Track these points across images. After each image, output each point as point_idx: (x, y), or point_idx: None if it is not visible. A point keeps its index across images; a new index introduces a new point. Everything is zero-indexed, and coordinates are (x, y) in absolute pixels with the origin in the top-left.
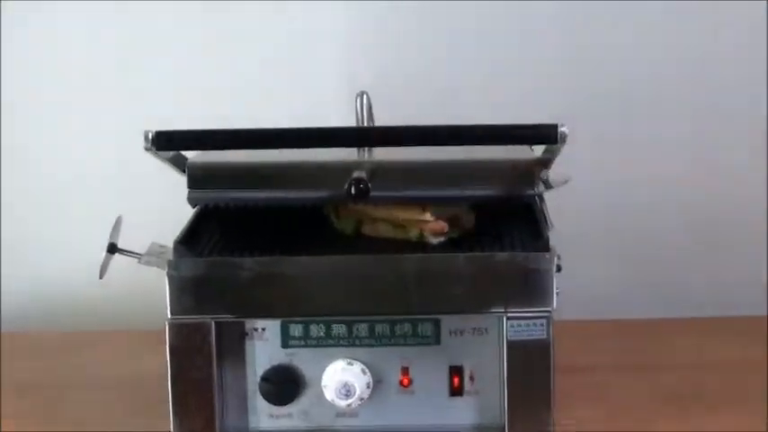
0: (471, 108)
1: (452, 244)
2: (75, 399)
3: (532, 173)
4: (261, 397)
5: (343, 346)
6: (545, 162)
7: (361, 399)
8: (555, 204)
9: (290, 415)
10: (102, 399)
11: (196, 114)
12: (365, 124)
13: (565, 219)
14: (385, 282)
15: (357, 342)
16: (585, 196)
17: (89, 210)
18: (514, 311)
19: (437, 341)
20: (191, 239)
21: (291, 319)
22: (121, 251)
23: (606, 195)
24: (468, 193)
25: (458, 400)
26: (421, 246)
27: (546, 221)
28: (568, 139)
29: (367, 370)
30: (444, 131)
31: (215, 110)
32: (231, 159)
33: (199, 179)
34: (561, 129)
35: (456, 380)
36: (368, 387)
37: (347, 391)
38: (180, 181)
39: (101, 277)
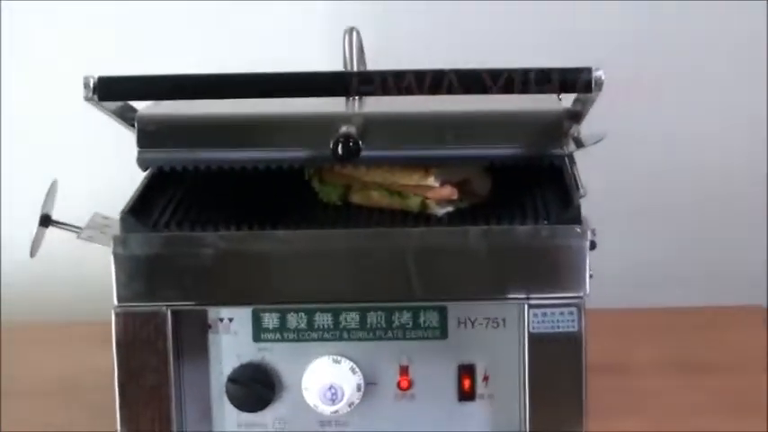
0: (483, 50)
1: (462, 215)
2: (8, 408)
3: (561, 128)
4: (228, 402)
5: (328, 340)
6: (576, 115)
7: (351, 404)
8: (585, 167)
9: (263, 424)
10: (41, 407)
11: (163, 57)
12: (355, 68)
13: (597, 185)
14: (379, 261)
15: (345, 335)
16: (622, 157)
17: (20, 174)
18: (538, 298)
19: (443, 334)
20: (141, 210)
21: (265, 306)
22: (56, 224)
23: (648, 156)
24: (482, 151)
25: (468, 405)
26: (423, 217)
27: (577, 187)
28: (604, 87)
29: (357, 369)
30: (452, 77)
31: (182, 58)
32: (191, 112)
33: (151, 136)
34: (596, 73)
35: (466, 381)
36: (358, 390)
37: (333, 394)
38: (129, 139)
39: (32, 255)
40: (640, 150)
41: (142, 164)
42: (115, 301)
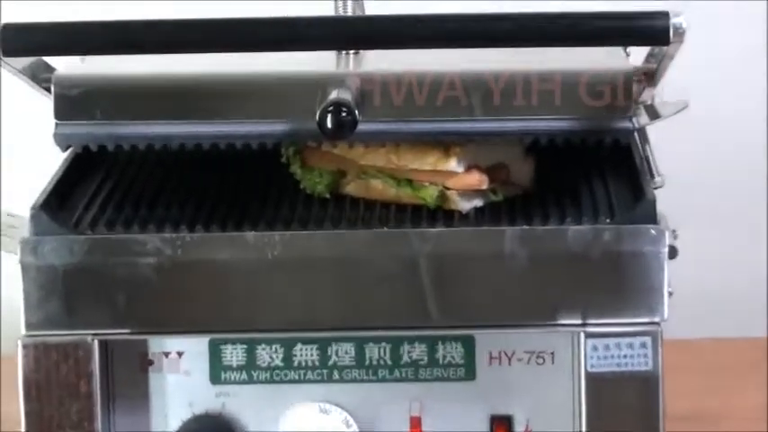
0: None
1: (495, 211)
2: None
3: (629, 93)
4: None
5: (313, 381)
6: (649, 75)
7: None
8: (659, 146)
9: None
10: None
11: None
12: (349, 12)
13: (675, 170)
14: (382, 274)
15: (336, 375)
16: (706, 132)
17: None
18: (598, 324)
19: (470, 374)
20: (60, 204)
21: (227, 336)
22: None
23: (741, 132)
24: (522, 124)
25: None
26: (442, 215)
27: (651, 173)
28: (686, 38)
29: (353, 422)
30: (484, 23)
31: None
32: (127, 72)
33: (72, 104)
34: (675, 20)
35: None
36: None
37: None
38: (45, 108)
39: None
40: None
41: (61, 141)
42: (23, 329)
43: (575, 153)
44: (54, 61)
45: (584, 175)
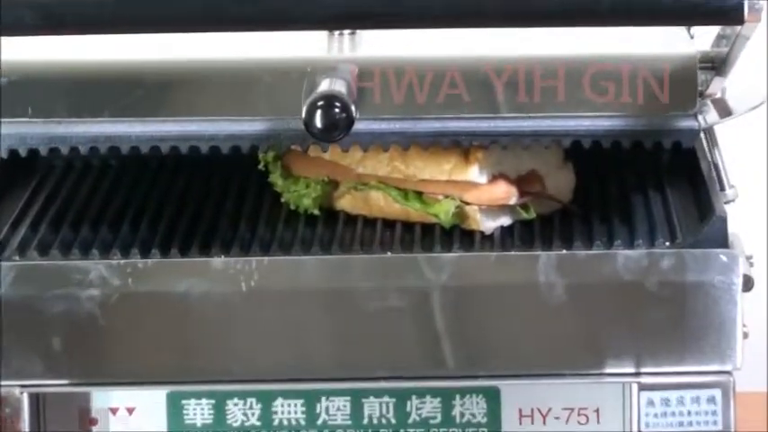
0: None
1: (526, 232)
2: None
3: (693, 83)
4: None
5: None
6: (718, 62)
7: None
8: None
9: None
10: None
11: None
12: None
13: (746, 180)
14: (386, 311)
15: None
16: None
17: None
18: (655, 374)
19: None
20: None
21: (189, 388)
22: None
23: None
24: (562, 123)
25: None
26: (461, 236)
27: (721, 183)
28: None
29: None
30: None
31: None
32: (65, 58)
33: None
34: None
35: None
36: None
37: None
38: None
39: None
40: None
41: None
42: None
43: (625, 159)
44: None
45: (638, 186)
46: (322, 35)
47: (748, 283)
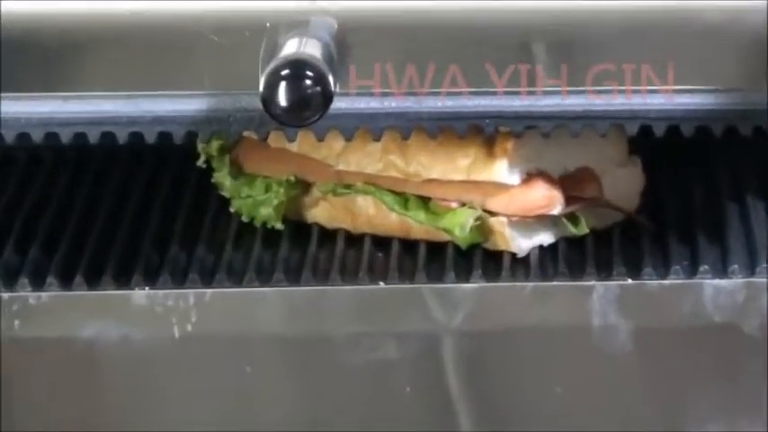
0: None
1: (576, 253)
2: None
3: None
4: None
5: None
6: None
7: None
8: None
9: None
10: None
11: None
12: None
13: None
14: (378, 363)
15: None
16: None
17: None
18: None
19: None
20: None
21: None
22: None
23: None
24: (621, 102)
25: None
26: (483, 258)
27: None
28: None
29: None
30: None
31: None
32: None
33: None
34: None
35: None
36: None
37: None
38: None
39: None
40: None
41: None
42: None
43: (715, 152)
44: None
45: (731, 190)
46: None
47: None
